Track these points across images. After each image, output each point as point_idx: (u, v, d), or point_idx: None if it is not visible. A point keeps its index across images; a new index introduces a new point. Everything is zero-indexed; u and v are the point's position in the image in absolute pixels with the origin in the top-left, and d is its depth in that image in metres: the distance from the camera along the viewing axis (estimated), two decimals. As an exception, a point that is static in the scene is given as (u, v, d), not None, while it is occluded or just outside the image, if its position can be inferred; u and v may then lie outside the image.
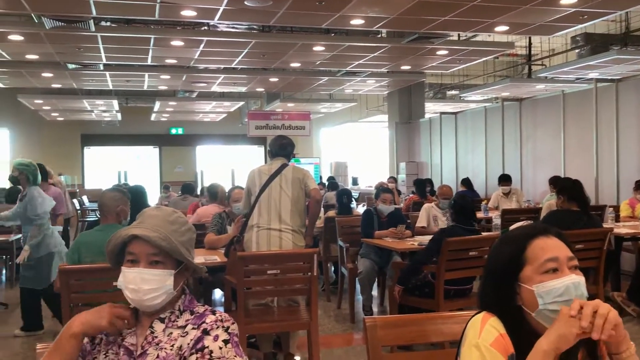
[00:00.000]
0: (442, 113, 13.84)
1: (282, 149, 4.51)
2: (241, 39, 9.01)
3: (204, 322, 1.59)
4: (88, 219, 12.40)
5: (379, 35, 9.94)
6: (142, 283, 1.58)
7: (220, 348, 1.54)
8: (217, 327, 1.57)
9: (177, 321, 1.62)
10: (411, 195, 9.98)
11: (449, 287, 4.39)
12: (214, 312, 1.64)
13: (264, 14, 7.46)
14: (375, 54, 10.06)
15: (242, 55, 9.92)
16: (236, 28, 8.96)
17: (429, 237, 5.28)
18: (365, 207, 8.41)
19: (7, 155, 18.74)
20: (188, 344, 1.56)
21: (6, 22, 8.42)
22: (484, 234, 5.37)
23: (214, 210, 5.53)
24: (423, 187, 9.06)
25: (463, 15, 7.50)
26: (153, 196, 12.50)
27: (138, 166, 20.69)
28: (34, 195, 5.16)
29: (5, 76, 11.87)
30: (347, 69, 11.51)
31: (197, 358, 1.52)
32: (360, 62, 10.70)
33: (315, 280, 3.87)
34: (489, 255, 1.60)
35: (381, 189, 6.15)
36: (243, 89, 14.45)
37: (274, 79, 12.79)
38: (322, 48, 9.60)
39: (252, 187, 4.37)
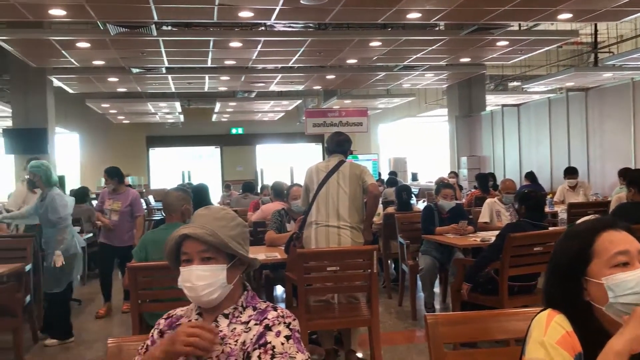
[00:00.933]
0: (504, 105, 13.50)
1: (339, 146, 4.50)
2: (297, 37, 9.07)
3: (266, 317, 1.62)
4: (154, 218, 12.80)
5: (437, 28, 9.79)
6: (197, 280, 1.63)
7: (282, 344, 1.56)
8: (279, 323, 1.59)
9: (240, 317, 1.66)
10: (473, 190, 9.79)
11: (512, 283, 4.28)
12: (275, 309, 1.66)
13: (319, 11, 7.48)
14: (433, 47, 9.91)
15: (298, 54, 9.99)
16: (292, 27, 9.04)
17: (492, 233, 5.19)
18: (425, 204, 8.31)
19: (78, 158, 19.60)
20: (251, 339, 1.59)
21: (74, 31, 8.80)
22: (550, 228, 5.19)
23: (278, 207, 5.59)
24: (485, 182, 8.86)
25: (523, 4, 7.28)
26: (215, 195, 12.78)
27: (200, 166, 21.22)
28: (54, 198, 5.04)
29: (75, 82, 12.40)
30: (404, 63, 11.39)
31: (259, 353, 1.55)
32: (418, 55, 10.57)
33: (375, 277, 3.85)
34: (554, 250, 1.55)
35: (442, 184, 6.06)
36: (300, 88, 14.55)
37: (330, 77, 12.81)
38: (379, 43, 9.54)
39: (310, 185, 4.38)
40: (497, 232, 4.68)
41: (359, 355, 4.30)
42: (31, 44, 8.73)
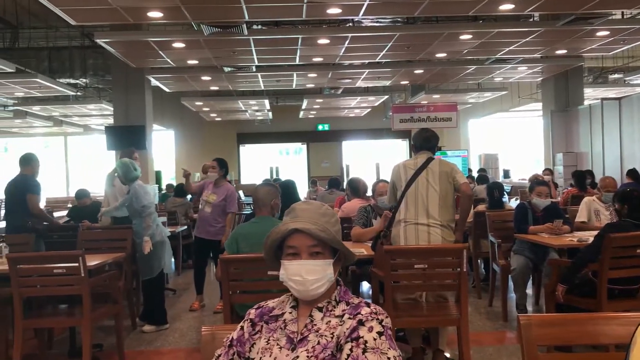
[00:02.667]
0: (603, 99, 12.80)
1: (426, 142, 4.41)
2: (385, 32, 9.01)
3: (359, 312, 1.64)
4: (244, 213, 13.17)
5: (531, 19, 9.40)
6: (307, 274, 1.67)
7: (375, 339, 1.57)
8: (372, 319, 1.61)
9: (333, 311, 1.68)
10: (569, 188, 9.35)
11: (612, 286, 4.05)
12: (368, 305, 1.67)
13: (408, 5, 7.39)
14: (527, 39, 9.53)
15: (386, 49, 9.92)
16: (380, 22, 8.98)
17: (590, 233, 4.93)
18: (517, 202, 8.03)
19: (173, 154, 20.50)
20: (344, 332, 1.61)
21: (170, 32, 9.21)
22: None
23: (359, 205, 5.58)
24: (583, 180, 8.43)
25: (628, -10, 6.85)
26: (301, 190, 12.97)
27: (287, 162, 21.62)
28: (136, 188, 5.46)
29: (171, 81, 12.98)
30: (496, 56, 11.02)
31: (352, 347, 1.57)
32: (511, 48, 10.20)
33: (465, 276, 3.76)
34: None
35: (536, 181, 5.82)
36: (387, 83, 14.45)
37: (418, 71, 12.63)
38: (470, 36, 9.29)
39: (398, 182, 4.33)
40: (595, 232, 4.44)
41: (447, 355, 4.22)
42: (131, 45, 9.21)
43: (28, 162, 5.94)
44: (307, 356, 1.61)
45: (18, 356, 4.01)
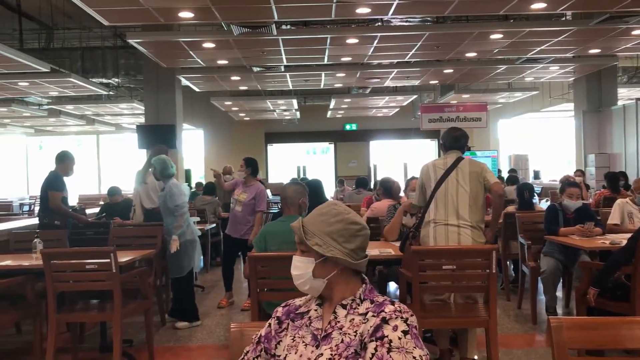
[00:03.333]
0: (638, 99, 12.49)
1: (455, 141, 4.34)
2: (415, 32, 8.95)
3: (383, 310, 1.62)
4: (272, 211, 13.23)
5: (564, 18, 9.25)
6: (293, 269, 1.75)
7: (400, 338, 1.56)
8: (396, 317, 1.60)
9: (357, 308, 1.67)
10: (602, 189, 9.17)
11: (647, 290, 3.96)
12: (392, 303, 1.66)
13: (438, 5, 7.34)
14: (559, 39, 9.38)
15: (415, 48, 9.86)
16: (409, 21, 8.93)
17: (623, 235, 4.83)
18: (548, 203, 7.91)
19: (202, 153, 20.71)
20: (368, 330, 1.60)
21: (201, 32, 9.30)
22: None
23: (388, 204, 5.57)
24: (616, 181, 8.27)
25: (664, -12, 6.70)
26: (329, 190, 12.97)
27: (315, 161, 21.66)
28: (171, 187, 5.52)
29: (201, 81, 13.11)
30: (527, 55, 10.87)
31: (376, 346, 1.56)
32: (543, 47, 10.04)
33: (494, 278, 3.73)
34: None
35: (567, 182, 5.73)
36: (416, 82, 14.36)
37: (448, 71, 12.53)
38: (500, 35, 9.18)
39: (427, 182, 4.28)
40: (628, 235, 4.35)
41: (475, 357, 4.18)
42: (162, 45, 9.34)
43: (62, 159, 6.09)
44: (331, 354, 1.62)
45: (51, 349, 4.11)
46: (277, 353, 1.72)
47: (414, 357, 1.55)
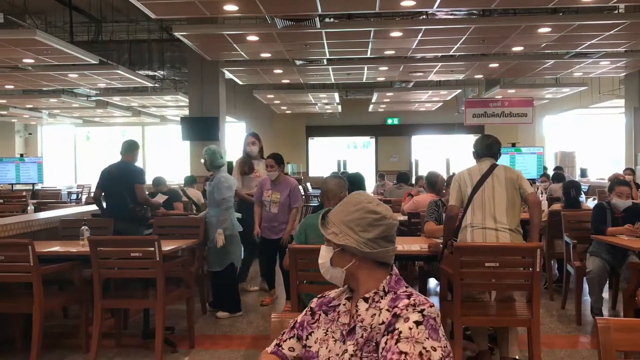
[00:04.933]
0: (692, 96, 12.02)
1: (488, 149, 4.32)
2: (460, 25, 8.81)
3: (396, 306, 1.58)
4: (311, 204, 13.29)
5: (616, 11, 8.95)
6: (319, 258, 1.76)
7: (411, 329, 1.52)
8: (409, 310, 1.55)
9: (380, 302, 1.64)
10: (652, 189, 8.87)
11: (700, 294, 3.82)
12: (409, 296, 1.61)
13: (484, -3, 7.21)
14: (610, 32, 9.08)
15: (460, 42, 9.70)
16: (455, 15, 8.79)
17: (675, 236, 4.67)
18: (595, 202, 7.70)
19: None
20: (381, 324, 1.58)
21: (245, 25, 9.37)
22: None
23: (430, 199, 5.51)
24: (667, 180, 7.97)
25: None
26: (369, 184, 12.92)
27: (355, 155, 21.60)
28: (220, 180, 5.49)
29: (244, 74, 13.22)
30: (576, 50, 10.57)
31: (387, 340, 1.54)
32: (593, 41, 9.74)
33: (538, 277, 3.65)
34: None
35: (616, 181, 5.56)
36: (460, 77, 14.15)
37: (493, 65, 12.29)
38: (549, 29, 8.95)
39: (464, 187, 4.23)
40: (681, 236, 4.20)
41: (517, 357, 4.10)
42: (207, 38, 9.45)
43: (131, 148, 5.93)
44: (354, 349, 1.60)
45: (97, 334, 4.22)
46: (308, 344, 1.73)
47: (424, 348, 1.49)
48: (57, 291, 5.00)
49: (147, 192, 6.07)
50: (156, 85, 14.46)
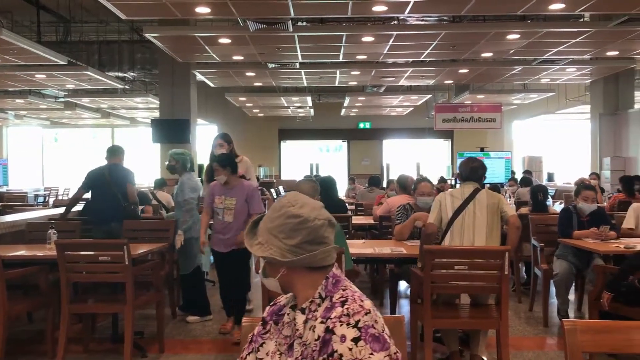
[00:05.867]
0: (655, 103, 12.38)
1: (473, 173, 4.30)
2: (431, 31, 8.92)
3: (329, 317, 1.44)
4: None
5: (582, 19, 9.17)
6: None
7: (351, 349, 1.38)
8: (342, 325, 1.41)
9: (316, 311, 1.50)
10: (616, 193, 9.08)
11: (661, 296, 3.93)
12: (343, 303, 1.47)
13: (455, 4, 7.31)
14: (576, 40, 9.30)
15: (431, 48, 9.83)
16: (426, 20, 8.90)
17: (637, 240, 4.79)
18: (562, 205, 7.86)
19: (215, 148, 20.76)
20: (315, 343, 1.44)
21: (217, 27, 9.33)
22: None
23: (403, 201, 5.55)
24: (631, 185, 8.16)
25: (686, -10, 6.62)
26: (341, 188, 12.95)
27: (328, 159, 21.67)
28: (184, 182, 5.50)
29: (215, 76, 13.16)
30: (544, 57, 10.80)
31: None
32: (560, 49, 9.97)
33: (506, 279, 3.71)
34: None
35: (582, 185, 5.68)
36: (431, 82, 14.32)
37: (463, 70, 12.47)
38: (517, 36, 9.12)
39: (444, 209, 4.21)
40: (644, 240, 4.32)
41: (485, 358, 4.16)
42: (178, 40, 9.38)
43: (116, 153, 6.04)
44: None
45: (63, 339, 4.14)
46: (259, 356, 1.60)
47: None
48: (22, 296, 4.89)
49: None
50: (126, 86, 14.29)
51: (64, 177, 19.61)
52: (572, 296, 5.73)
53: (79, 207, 6.51)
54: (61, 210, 6.61)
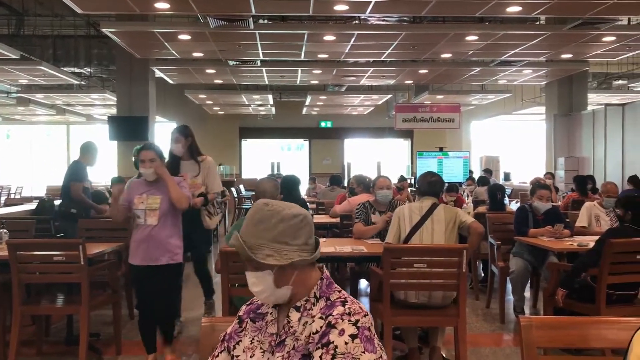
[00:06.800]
0: (607, 105, 12.79)
1: (431, 187, 4.33)
2: (392, 31, 9.00)
3: (331, 314, 1.50)
4: (244, 207, 13.18)
5: (538, 22, 9.40)
6: (252, 286, 1.60)
7: (346, 343, 1.45)
8: (344, 321, 1.48)
9: (312, 310, 1.55)
10: (570, 192, 9.35)
11: (611, 291, 4.05)
12: (344, 303, 1.54)
13: (415, 4, 7.39)
14: (533, 42, 9.53)
15: (391, 48, 9.91)
16: (387, 20, 8.97)
17: (590, 237, 4.93)
18: (518, 204, 8.03)
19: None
20: (314, 335, 1.50)
21: (176, 23, 9.20)
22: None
23: (365, 199, 5.59)
24: (584, 184, 8.43)
25: (636, -4, 6.85)
26: (304, 187, 12.94)
27: (289, 158, 21.64)
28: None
29: (175, 73, 12.97)
30: (501, 58, 11.02)
31: (321, 354, 1.46)
32: (516, 51, 10.19)
33: (464, 277, 3.76)
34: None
35: (538, 184, 5.82)
36: (391, 82, 14.45)
37: (423, 71, 12.63)
38: (476, 37, 9.29)
39: (402, 225, 4.22)
40: (595, 237, 4.44)
41: (443, 354, 4.22)
42: (137, 36, 9.21)
43: (87, 150, 6.03)
44: None
45: (15, 342, 4.01)
46: (236, 354, 1.63)
47: None
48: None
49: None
50: (82, 82, 13.95)
51: (17, 176, 19.03)
52: (527, 293, 5.86)
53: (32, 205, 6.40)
54: (13, 209, 6.47)
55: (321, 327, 1.49)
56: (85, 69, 12.53)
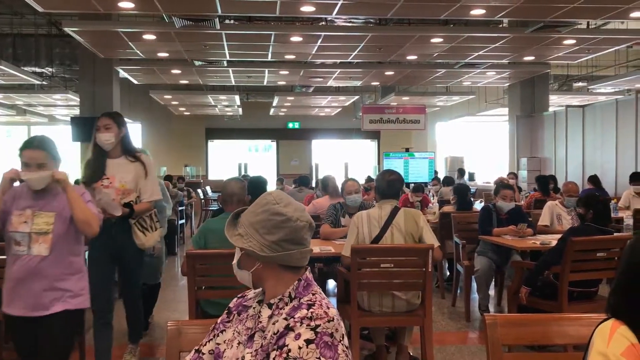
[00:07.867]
0: (568, 106, 13.09)
1: (390, 188, 4.04)
2: (358, 32, 9.05)
3: (293, 316, 1.49)
4: (211, 208, 13.08)
5: (501, 25, 9.57)
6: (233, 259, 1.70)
7: (300, 348, 1.42)
8: (302, 325, 1.45)
9: (283, 309, 1.55)
10: (533, 192, 9.54)
11: (572, 289, 4.15)
12: (310, 306, 1.51)
13: (381, 7, 7.44)
14: (496, 45, 9.70)
15: (358, 49, 9.96)
16: (353, 22, 9.02)
17: (552, 236, 5.04)
18: (482, 204, 8.16)
19: (140, 147, 20.18)
20: (274, 333, 1.50)
21: (141, 23, 9.07)
22: (616, 234, 5.00)
23: (329, 202, 5.61)
24: (546, 184, 8.61)
25: (594, 1, 7.02)
26: (271, 188, 12.90)
27: (257, 159, 21.54)
28: None
29: (139, 73, 12.78)
30: (465, 60, 11.19)
31: (275, 356, 1.44)
32: (480, 53, 10.36)
33: (429, 276, 3.80)
34: (627, 260, 1.48)
35: (501, 184, 5.93)
36: (358, 83, 14.53)
37: (389, 73, 12.73)
38: (440, 40, 9.40)
39: (361, 235, 3.99)
40: (557, 236, 4.55)
41: (410, 352, 4.26)
42: (100, 35, 9.05)
43: None
44: (251, 357, 1.53)
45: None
46: (218, 341, 1.66)
47: None
48: None
49: None
50: (44, 82, 13.63)
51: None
52: (492, 291, 5.96)
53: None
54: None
55: (282, 328, 1.47)
56: (47, 69, 12.25)
